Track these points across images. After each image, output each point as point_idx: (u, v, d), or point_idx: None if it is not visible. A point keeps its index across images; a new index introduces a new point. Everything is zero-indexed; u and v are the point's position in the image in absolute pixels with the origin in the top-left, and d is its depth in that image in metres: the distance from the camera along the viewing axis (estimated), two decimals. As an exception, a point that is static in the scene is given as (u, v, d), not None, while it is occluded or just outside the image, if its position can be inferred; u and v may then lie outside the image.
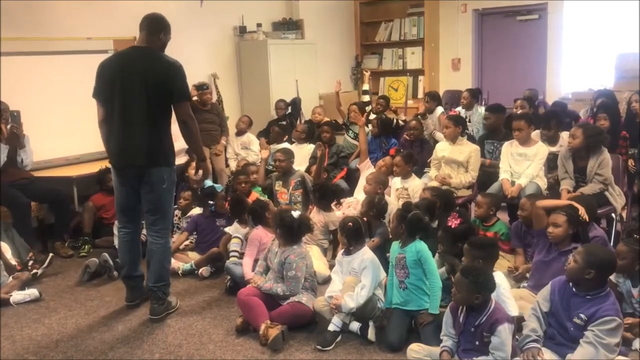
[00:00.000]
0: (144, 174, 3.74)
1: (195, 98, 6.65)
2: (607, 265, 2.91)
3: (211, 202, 5.04)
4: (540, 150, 4.86)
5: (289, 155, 5.50)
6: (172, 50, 6.90)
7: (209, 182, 5.23)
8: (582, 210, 3.73)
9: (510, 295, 3.21)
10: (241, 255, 4.60)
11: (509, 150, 4.97)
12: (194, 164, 5.54)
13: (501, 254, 4.06)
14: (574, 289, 2.92)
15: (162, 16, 3.78)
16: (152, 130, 3.67)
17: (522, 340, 2.96)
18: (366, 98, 7.46)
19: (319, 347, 3.42)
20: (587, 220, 3.74)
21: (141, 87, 3.59)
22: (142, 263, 4.10)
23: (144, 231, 4.08)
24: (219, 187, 5.11)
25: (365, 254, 3.63)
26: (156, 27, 3.72)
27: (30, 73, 5.71)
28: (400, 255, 3.49)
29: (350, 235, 3.63)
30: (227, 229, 4.81)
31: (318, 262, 4.37)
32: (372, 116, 6.81)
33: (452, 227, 3.65)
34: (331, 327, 3.48)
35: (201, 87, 6.62)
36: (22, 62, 5.63)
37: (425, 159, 5.73)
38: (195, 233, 5.03)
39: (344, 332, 3.51)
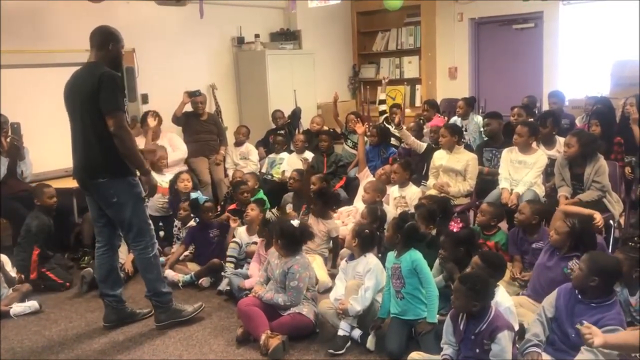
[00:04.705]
0: (92, 187, 3.72)
1: (188, 106, 6.70)
2: (611, 272, 2.92)
3: (192, 215, 5.05)
4: (540, 158, 4.89)
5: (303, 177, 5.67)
6: (171, 62, 7.05)
7: (194, 194, 5.24)
8: (599, 218, 3.89)
9: (514, 310, 3.20)
10: (238, 261, 4.66)
11: (509, 157, 4.99)
12: (182, 176, 5.56)
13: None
14: (579, 296, 2.94)
15: (107, 27, 3.75)
16: (91, 143, 3.61)
17: (523, 345, 2.97)
18: (382, 107, 7.28)
19: (331, 351, 3.45)
20: (602, 226, 3.93)
21: (78, 103, 3.61)
22: (120, 283, 4.04)
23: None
24: (202, 198, 5.10)
25: (370, 258, 3.66)
26: (102, 40, 3.69)
27: (30, 85, 5.74)
28: (396, 265, 3.50)
29: (365, 242, 3.65)
30: (236, 232, 4.86)
31: (321, 271, 4.40)
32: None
33: (455, 231, 3.67)
34: (340, 332, 3.51)
35: (193, 94, 6.67)
36: (21, 74, 5.67)
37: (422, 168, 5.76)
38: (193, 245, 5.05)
39: (350, 339, 3.53)
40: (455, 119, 6.57)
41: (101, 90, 3.50)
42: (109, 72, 3.58)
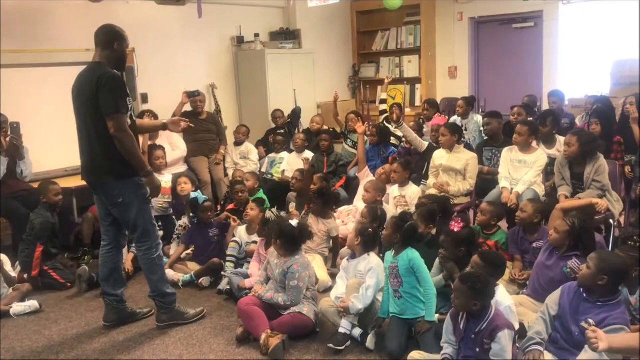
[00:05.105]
0: (99, 187, 3.74)
1: (187, 105, 6.69)
2: (620, 271, 2.92)
3: (192, 215, 5.06)
4: (540, 158, 4.88)
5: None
6: (171, 61, 7.04)
7: (193, 194, 5.24)
8: (601, 203, 4.04)
9: (514, 309, 3.21)
10: (238, 261, 4.66)
11: (509, 156, 4.99)
12: (179, 179, 5.54)
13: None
14: (584, 295, 2.94)
15: (112, 27, 3.73)
16: (96, 144, 3.62)
17: (525, 342, 2.97)
18: (383, 107, 7.32)
19: (331, 345, 3.46)
20: (605, 209, 4.12)
21: (82, 103, 3.61)
22: (122, 283, 4.03)
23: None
24: (202, 197, 5.09)
25: (372, 257, 3.68)
26: (107, 40, 3.67)
27: (30, 85, 5.74)
28: (393, 265, 3.51)
29: (368, 241, 3.66)
30: (236, 231, 4.87)
31: (321, 271, 4.41)
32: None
33: (456, 230, 3.67)
34: (341, 330, 3.52)
35: (192, 94, 6.66)
36: (21, 74, 5.66)
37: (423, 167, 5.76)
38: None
39: (350, 338, 3.54)
40: (455, 118, 6.58)
41: (100, 91, 3.49)
42: (109, 72, 3.56)
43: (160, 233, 5.25)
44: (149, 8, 6.60)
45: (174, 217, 5.50)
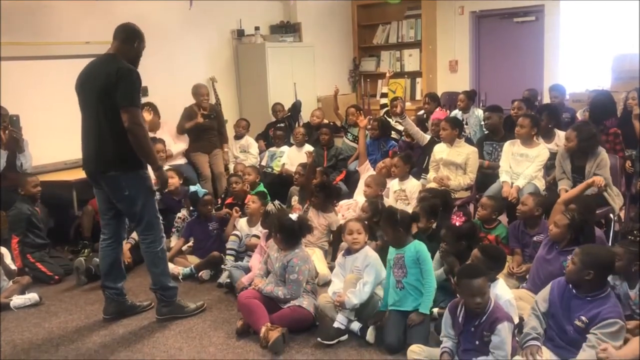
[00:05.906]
0: (103, 180, 3.72)
1: (190, 100, 6.67)
2: (606, 264, 2.92)
3: (192, 208, 5.05)
4: (541, 152, 4.86)
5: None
6: (171, 55, 7.04)
7: (193, 187, 5.23)
8: (597, 180, 4.08)
9: (514, 303, 3.21)
10: (238, 254, 4.66)
11: (510, 149, 4.98)
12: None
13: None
14: (574, 291, 2.93)
15: (135, 26, 3.76)
16: (104, 136, 3.60)
17: (522, 338, 2.98)
18: (384, 101, 7.35)
19: (319, 339, 3.46)
20: (603, 185, 4.20)
21: (93, 93, 3.59)
22: (122, 276, 4.01)
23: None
24: (202, 191, 5.09)
25: (369, 252, 3.67)
26: (129, 36, 3.69)
27: (29, 77, 5.72)
28: (399, 255, 3.50)
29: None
30: (237, 222, 4.87)
31: (321, 264, 4.41)
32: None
33: (457, 224, 3.66)
34: (336, 324, 3.51)
35: (208, 117, 6.59)
36: (21, 67, 5.64)
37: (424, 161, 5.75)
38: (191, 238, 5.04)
39: (347, 332, 3.53)
40: (456, 112, 6.56)
41: (119, 83, 3.49)
42: (128, 66, 3.57)
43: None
44: (149, 1, 6.58)
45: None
